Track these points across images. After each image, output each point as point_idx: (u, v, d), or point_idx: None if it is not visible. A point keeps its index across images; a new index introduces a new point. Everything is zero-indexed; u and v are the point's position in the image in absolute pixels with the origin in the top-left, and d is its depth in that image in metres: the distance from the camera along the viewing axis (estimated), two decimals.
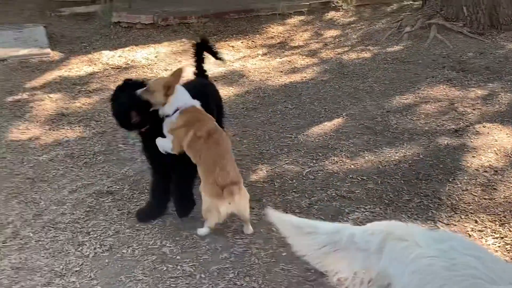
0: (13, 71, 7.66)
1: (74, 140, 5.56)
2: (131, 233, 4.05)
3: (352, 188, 4.55)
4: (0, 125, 5.91)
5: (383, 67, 7.33)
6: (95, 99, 6.61)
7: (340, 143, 5.31)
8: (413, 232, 2.57)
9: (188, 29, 9.28)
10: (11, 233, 4.06)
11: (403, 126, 5.62)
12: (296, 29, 9.19)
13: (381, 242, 2.59)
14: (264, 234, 4.00)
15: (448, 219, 4.13)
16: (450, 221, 4.10)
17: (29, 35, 9.11)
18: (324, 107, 6.15)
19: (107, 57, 8.15)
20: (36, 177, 4.86)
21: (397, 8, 9.70)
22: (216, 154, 3.91)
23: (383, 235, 2.60)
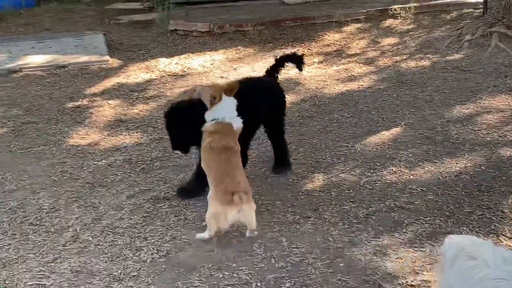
0: (73, 77, 7.84)
1: (132, 146, 5.63)
2: (187, 239, 4.06)
3: (411, 199, 4.45)
4: (61, 131, 6.04)
5: (443, 76, 7.18)
6: (152, 106, 6.70)
7: (398, 153, 5.22)
8: (484, 250, 2.47)
9: (244, 37, 9.32)
10: (71, 236, 4.13)
11: (464, 137, 5.48)
12: (353, 36, 9.11)
13: (454, 257, 2.52)
14: (321, 244, 3.94)
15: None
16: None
17: (89, 42, 9.32)
18: (381, 116, 6.05)
19: (164, 64, 8.25)
20: (95, 182, 4.94)
21: (457, 16, 9.50)
22: (227, 167, 4.06)
23: (456, 251, 2.53)
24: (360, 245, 3.92)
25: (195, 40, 9.42)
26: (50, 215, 4.43)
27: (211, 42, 9.22)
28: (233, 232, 4.11)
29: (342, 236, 4.02)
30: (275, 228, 4.15)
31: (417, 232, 4.02)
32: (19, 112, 6.61)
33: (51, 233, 4.19)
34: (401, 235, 4.01)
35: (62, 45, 9.19)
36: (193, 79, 7.61)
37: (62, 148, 5.64)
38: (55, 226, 4.27)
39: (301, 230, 4.12)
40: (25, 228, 4.25)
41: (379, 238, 3.98)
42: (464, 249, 2.52)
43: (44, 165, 5.29)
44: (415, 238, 3.97)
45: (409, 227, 4.10)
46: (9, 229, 4.25)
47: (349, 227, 4.12)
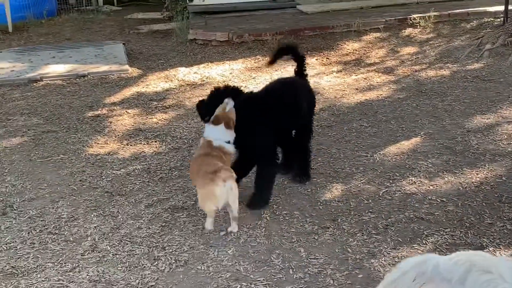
0: (93, 86, 7.89)
1: (151, 155, 5.65)
2: (205, 249, 4.05)
3: (431, 210, 4.41)
4: (80, 140, 6.08)
5: (463, 85, 7.12)
6: (171, 115, 6.72)
7: (418, 163, 5.17)
8: (499, 264, 2.42)
9: (262, 46, 9.33)
10: (89, 246, 4.14)
11: (485, 147, 5.42)
12: (372, 46, 9.08)
13: (464, 273, 2.46)
14: (339, 255, 3.92)
15: None
16: None
17: (109, 52, 9.39)
18: (401, 126, 6.01)
19: (183, 74, 8.28)
20: (114, 191, 4.96)
21: (477, 25, 9.42)
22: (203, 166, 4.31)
23: (467, 266, 2.47)
24: (379, 256, 3.88)
25: (214, 49, 9.45)
26: (69, 224, 4.45)
27: (230, 52, 9.25)
28: (251, 242, 4.10)
29: (361, 247, 3.99)
30: (293, 238, 4.13)
31: (437, 244, 3.98)
32: (39, 121, 6.67)
33: (70, 242, 4.21)
34: (420, 247, 3.96)
35: (82, 55, 9.27)
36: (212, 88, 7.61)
37: (81, 157, 5.68)
38: (73, 235, 4.29)
39: (319, 241, 4.10)
40: (44, 237, 4.28)
41: (399, 249, 3.95)
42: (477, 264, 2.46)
43: (64, 174, 5.33)
44: (435, 249, 3.92)
45: (429, 238, 4.06)
46: (28, 238, 4.28)
47: (368, 238, 4.09)
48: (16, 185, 5.12)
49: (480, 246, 3.91)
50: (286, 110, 4.66)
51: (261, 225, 4.33)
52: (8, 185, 5.13)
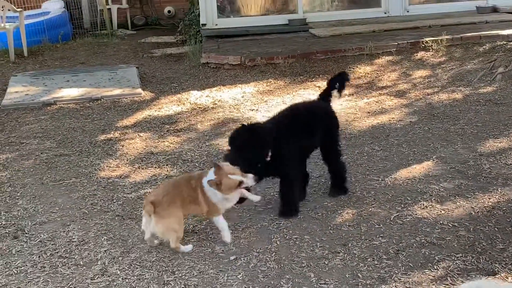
0: (106, 110, 7.96)
1: (162, 179, 5.66)
2: (215, 274, 4.04)
3: (443, 234, 4.37)
4: (93, 163, 6.11)
5: (475, 109, 7.09)
6: (183, 138, 6.75)
7: (429, 187, 5.14)
8: None
9: (274, 69, 9.36)
10: (99, 270, 4.14)
11: (497, 171, 5.38)
12: (384, 69, 9.08)
13: None
14: (350, 280, 3.88)
15: None
16: None
17: (123, 75, 9.48)
18: (412, 150, 5.99)
19: (195, 97, 8.33)
20: (124, 215, 4.97)
21: (490, 48, 9.40)
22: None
23: None
24: (390, 281, 3.85)
25: (227, 72, 9.50)
26: (79, 247, 4.46)
27: (242, 75, 9.29)
28: (261, 267, 4.08)
29: (371, 272, 3.96)
30: (303, 263, 4.11)
31: (448, 269, 3.94)
32: (52, 144, 6.72)
33: (80, 266, 4.21)
34: (432, 272, 3.92)
35: (96, 78, 9.36)
36: (224, 111, 7.66)
37: (93, 180, 5.70)
38: (84, 259, 4.29)
39: (329, 266, 4.07)
40: (55, 261, 4.28)
41: (410, 274, 3.91)
42: None
43: (75, 197, 5.35)
44: (446, 275, 3.88)
45: (440, 263, 4.01)
46: (39, 261, 4.28)
47: (378, 263, 4.05)
48: (28, 208, 5.15)
49: (492, 272, 3.87)
50: (295, 136, 4.76)
51: (271, 249, 4.31)
52: (20, 208, 5.16)
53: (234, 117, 7.43)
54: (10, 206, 5.21)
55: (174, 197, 4.31)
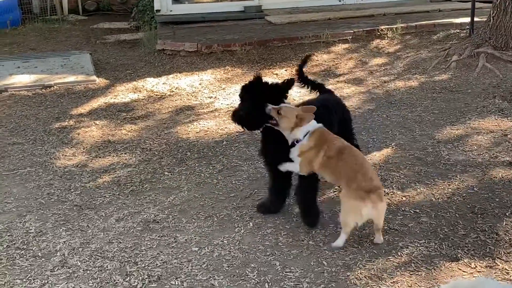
0: (60, 97, 7.75)
1: (120, 168, 5.55)
2: (178, 264, 3.97)
3: (405, 221, 4.40)
4: (48, 152, 5.94)
5: (431, 96, 7.18)
6: (140, 126, 6.62)
7: (390, 174, 5.17)
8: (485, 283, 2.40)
9: (231, 57, 9.29)
10: (59, 261, 4.02)
11: (455, 158, 5.46)
12: (341, 57, 9.11)
13: None
14: (315, 268, 3.87)
15: (507, 255, 3.94)
16: (509, 258, 3.91)
17: (76, 62, 9.26)
18: (372, 137, 6.02)
19: (151, 84, 8.19)
20: (83, 205, 4.84)
21: (444, 36, 9.53)
22: (355, 164, 4.10)
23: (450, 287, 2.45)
24: (355, 268, 3.85)
25: (183, 59, 9.38)
26: (37, 239, 4.32)
27: (199, 62, 9.19)
28: (226, 256, 4.04)
29: (336, 260, 3.95)
30: (268, 251, 4.08)
31: (412, 255, 3.97)
32: (4, 132, 6.51)
33: (39, 257, 4.08)
34: (396, 258, 3.95)
35: (48, 65, 9.11)
36: (182, 99, 7.55)
37: (48, 169, 5.54)
38: (42, 251, 4.16)
39: (294, 254, 4.05)
40: (12, 253, 4.14)
41: (374, 261, 3.92)
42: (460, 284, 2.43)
43: (31, 187, 5.19)
44: (410, 261, 3.91)
45: (404, 250, 4.04)
46: None
47: (343, 251, 4.05)
48: None
49: (455, 257, 3.92)
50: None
51: (235, 238, 4.26)
52: None
53: (192, 104, 7.33)
54: None
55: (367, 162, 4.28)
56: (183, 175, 5.35)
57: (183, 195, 4.95)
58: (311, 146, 4.18)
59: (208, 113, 6.97)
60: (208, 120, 6.71)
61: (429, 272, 3.79)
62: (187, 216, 4.60)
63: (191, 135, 6.33)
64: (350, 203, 4.00)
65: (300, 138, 4.19)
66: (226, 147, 5.94)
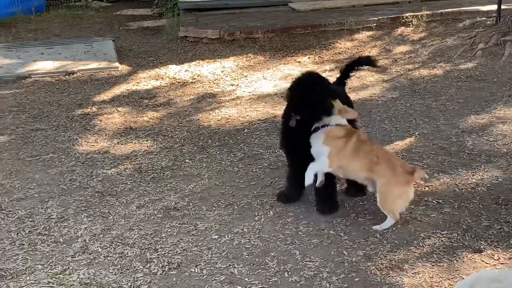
0: (83, 84, 7.79)
1: (142, 155, 5.56)
2: (198, 251, 3.97)
3: (427, 211, 4.35)
4: (70, 138, 5.98)
5: (456, 85, 7.07)
6: (162, 113, 6.63)
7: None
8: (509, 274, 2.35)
9: (254, 44, 9.25)
10: (79, 247, 4.05)
11: (480, 148, 5.37)
12: (365, 44, 9.02)
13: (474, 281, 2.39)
14: (335, 258, 3.85)
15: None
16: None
17: (99, 48, 9.29)
18: (395, 126, 5.96)
19: (173, 71, 8.19)
20: (104, 191, 4.86)
21: (470, 24, 9.38)
22: (386, 153, 4.37)
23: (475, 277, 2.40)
24: (375, 259, 3.82)
25: (205, 47, 9.36)
26: (58, 224, 4.35)
27: (221, 49, 9.16)
28: (246, 244, 4.03)
29: (356, 250, 3.92)
30: (288, 240, 4.06)
31: (434, 246, 3.92)
32: (28, 118, 6.56)
33: (60, 243, 4.11)
34: (417, 249, 3.90)
35: (71, 51, 9.16)
36: (203, 86, 7.54)
37: (71, 155, 5.58)
38: (64, 236, 4.19)
39: (314, 243, 4.03)
40: (34, 238, 4.18)
41: (395, 252, 3.88)
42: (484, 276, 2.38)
43: (53, 173, 5.23)
44: (432, 252, 3.86)
45: (426, 240, 3.99)
46: (17, 238, 4.17)
47: (364, 241, 4.02)
48: (5, 184, 5.02)
49: (478, 249, 3.86)
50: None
51: (255, 226, 4.25)
52: None
53: (214, 92, 7.32)
54: None
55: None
56: (204, 162, 5.34)
57: (203, 183, 4.95)
58: (340, 135, 4.22)
59: (230, 101, 6.95)
60: (229, 108, 6.69)
61: (451, 264, 3.74)
62: (207, 204, 4.60)
63: (212, 122, 6.32)
64: (398, 189, 4.13)
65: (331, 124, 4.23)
66: (247, 135, 5.91)
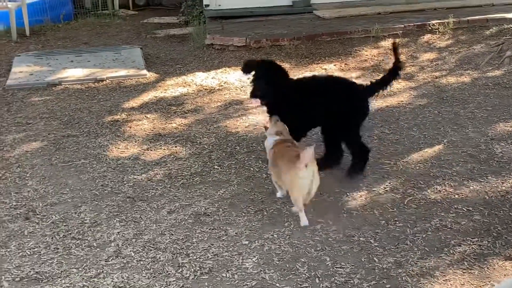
0: (112, 91, 7.90)
1: (171, 161, 5.63)
2: (230, 256, 4.02)
3: (457, 219, 4.35)
4: (101, 144, 6.07)
5: (484, 93, 7.05)
6: (190, 120, 6.70)
7: (442, 171, 5.12)
8: None
9: (280, 51, 9.29)
10: (113, 251, 4.12)
11: (509, 155, 5.35)
12: (391, 52, 8.97)
13: None
14: (366, 264, 3.87)
15: None
16: None
17: (127, 56, 9.40)
18: (423, 133, 5.96)
19: (200, 79, 8.27)
20: (135, 196, 4.94)
21: (497, 31, 9.33)
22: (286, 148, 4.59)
23: None
24: (406, 266, 3.83)
25: (232, 54, 9.43)
26: (92, 229, 4.44)
27: (247, 57, 9.20)
28: (276, 250, 4.07)
29: (387, 257, 3.94)
30: (318, 246, 4.10)
31: (464, 253, 3.93)
32: (59, 125, 6.67)
33: (94, 247, 4.19)
34: (448, 256, 3.91)
35: (100, 59, 9.28)
36: (230, 93, 7.61)
37: (102, 161, 5.66)
38: (97, 241, 4.27)
39: (344, 249, 4.06)
40: (68, 242, 4.26)
41: (426, 259, 3.90)
42: None
43: (85, 178, 5.32)
44: (462, 259, 3.87)
45: (456, 248, 4.00)
46: (52, 243, 4.26)
47: (394, 247, 4.04)
48: (38, 189, 5.12)
49: (509, 256, 3.86)
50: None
51: (285, 232, 4.29)
52: (30, 189, 5.12)
53: (241, 99, 7.37)
54: (20, 187, 5.18)
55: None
56: (232, 169, 5.40)
57: (232, 189, 5.00)
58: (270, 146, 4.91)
59: (257, 108, 6.99)
60: (256, 115, 6.74)
61: (482, 271, 3.75)
62: (237, 210, 4.65)
63: (240, 129, 6.37)
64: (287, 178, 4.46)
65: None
66: None
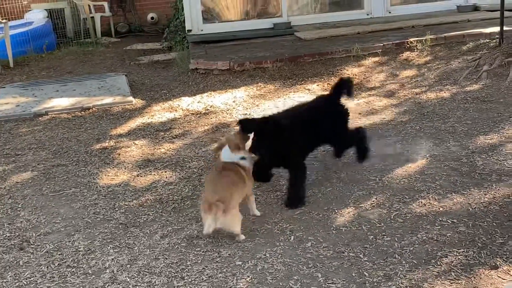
0: (98, 119, 7.99)
1: (162, 186, 5.72)
2: (224, 278, 4.11)
3: (443, 231, 4.48)
4: (91, 172, 6.15)
5: (463, 107, 7.23)
6: (178, 145, 6.80)
7: (426, 185, 5.26)
8: None
9: (263, 73, 9.45)
10: (108, 278, 4.19)
11: (490, 167, 5.51)
12: (371, 70, 9.21)
13: None
14: (356, 279, 3.98)
15: None
16: None
17: (112, 83, 9.52)
18: (406, 149, 6.11)
19: (186, 103, 8.39)
20: (128, 223, 5.02)
21: (473, 46, 9.58)
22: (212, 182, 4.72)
23: None
24: (395, 279, 3.95)
25: (216, 78, 9.57)
26: (86, 257, 4.51)
27: (231, 80, 9.37)
28: (269, 269, 4.16)
29: (377, 271, 4.05)
30: (310, 264, 4.20)
31: (451, 264, 4.05)
32: (48, 155, 6.75)
33: (89, 274, 4.26)
34: (435, 268, 4.03)
35: (85, 87, 9.39)
36: (217, 116, 7.73)
37: (93, 189, 5.74)
38: (92, 268, 4.34)
39: (335, 265, 4.16)
40: (63, 271, 4.33)
41: (414, 271, 4.01)
42: None
43: (77, 207, 5.39)
44: (450, 270, 3.99)
45: (443, 259, 4.12)
46: (48, 272, 4.33)
47: (383, 261, 4.15)
48: (31, 219, 5.19)
49: (494, 265, 3.98)
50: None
51: (277, 251, 4.39)
52: (23, 220, 5.19)
53: (227, 122, 7.50)
54: (13, 218, 5.24)
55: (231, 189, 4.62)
56: None
57: None
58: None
59: None
60: None
61: (469, 281, 3.87)
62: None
63: None
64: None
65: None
66: None
